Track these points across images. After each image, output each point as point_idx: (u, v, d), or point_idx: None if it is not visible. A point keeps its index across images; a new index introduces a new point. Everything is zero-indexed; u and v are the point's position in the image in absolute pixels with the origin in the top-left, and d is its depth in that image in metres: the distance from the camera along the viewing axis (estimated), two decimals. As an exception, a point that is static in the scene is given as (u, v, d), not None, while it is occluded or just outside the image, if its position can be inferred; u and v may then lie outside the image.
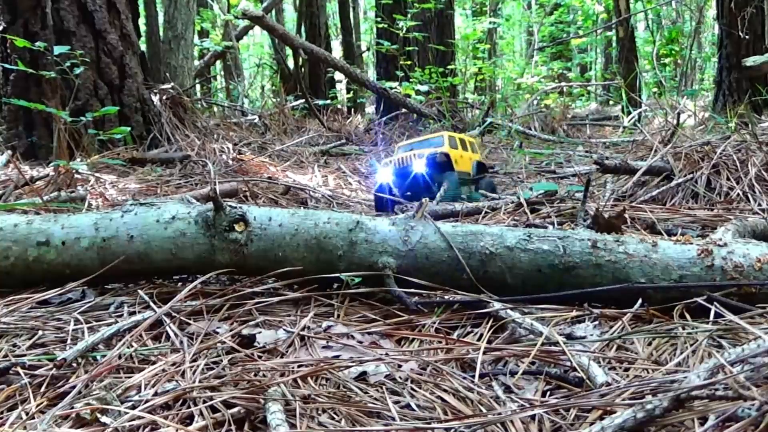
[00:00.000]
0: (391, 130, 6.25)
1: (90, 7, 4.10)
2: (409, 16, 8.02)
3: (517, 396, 1.20)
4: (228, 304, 1.63)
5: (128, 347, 1.37)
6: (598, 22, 12.80)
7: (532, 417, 1.09)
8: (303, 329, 1.47)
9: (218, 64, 10.81)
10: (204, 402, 1.11)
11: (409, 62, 8.02)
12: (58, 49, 3.19)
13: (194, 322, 1.53)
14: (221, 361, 1.31)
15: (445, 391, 1.20)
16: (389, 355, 1.35)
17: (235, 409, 1.10)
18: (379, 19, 8.74)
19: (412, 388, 1.22)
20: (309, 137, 5.59)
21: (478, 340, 1.45)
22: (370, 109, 10.29)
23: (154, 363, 1.31)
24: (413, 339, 1.48)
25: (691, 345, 1.32)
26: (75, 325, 1.51)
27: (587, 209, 2.27)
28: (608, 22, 10.95)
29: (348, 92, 10.38)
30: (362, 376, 1.25)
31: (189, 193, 2.80)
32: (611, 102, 9.76)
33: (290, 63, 9.32)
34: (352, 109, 9.74)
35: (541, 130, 6.08)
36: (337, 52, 11.71)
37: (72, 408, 1.10)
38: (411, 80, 7.35)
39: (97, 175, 3.37)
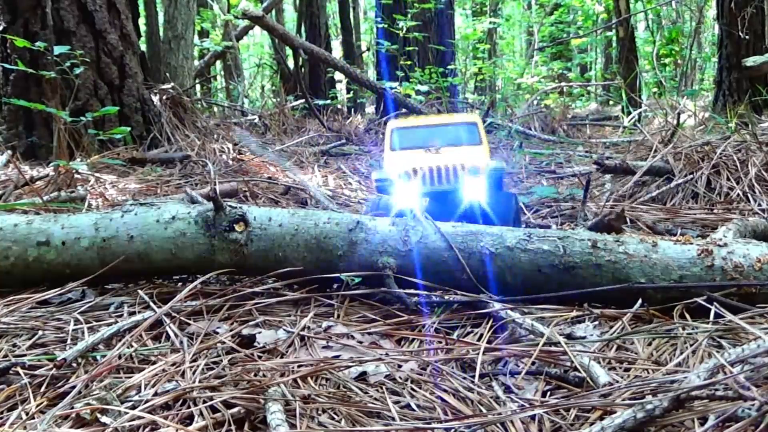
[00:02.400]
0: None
1: (90, 7, 4.09)
2: (409, 16, 8.02)
3: (517, 396, 1.20)
4: (228, 304, 1.63)
5: (128, 347, 1.37)
6: (598, 22, 12.80)
7: (532, 417, 1.09)
8: (303, 329, 1.47)
9: (218, 64, 10.81)
10: (204, 402, 1.12)
11: (409, 62, 8.01)
12: (58, 49, 3.19)
13: (194, 322, 1.53)
14: (221, 361, 1.31)
15: (445, 391, 1.20)
16: (389, 355, 1.35)
17: (235, 409, 1.10)
18: (379, 19, 8.74)
19: (412, 388, 1.22)
20: (309, 137, 5.58)
21: (478, 340, 1.45)
22: (370, 109, 10.29)
23: (154, 363, 1.31)
24: (413, 339, 1.48)
25: (691, 345, 1.32)
26: (75, 325, 1.51)
27: (587, 210, 2.27)
28: (608, 22, 10.95)
29: (348, 92, 10.39)
30: (362, 376, 1.25)
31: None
32: (611, 102, 9.75)
33: (290, 63, 9.32)
34: (352, 109, 9.74)
35: (541, 130, 6.07)
36: (337, 52, 11.71)
37: (72, 408, 1.10)
38: (411, 80, 7.35)
39: (97, 175, 3.37)
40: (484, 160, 2.08)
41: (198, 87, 8.68)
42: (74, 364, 1.31)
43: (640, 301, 1.55)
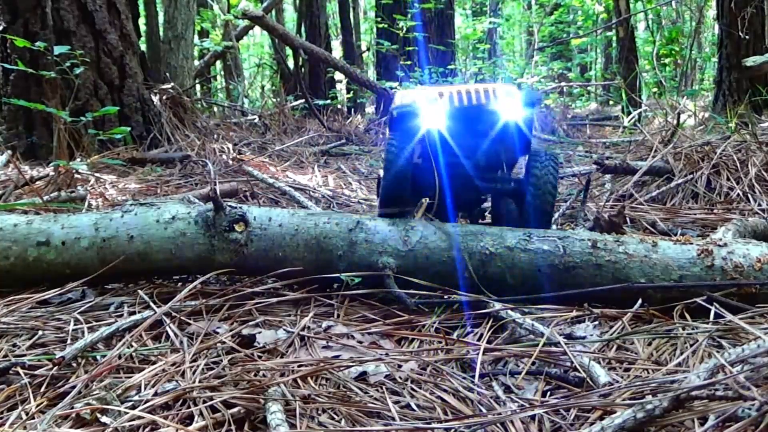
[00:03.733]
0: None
1: (90, 7, 4.09)
2: (409, 16, 8.01)
3: (517, 396, 1.20)
4: (228, 304, 1.63)
5: (128, 347, 1.37)
6: (598, 22, 12.79)
7: (532, 417, 1.09)
8: (303, 329, 1.47)
9: (218, 64, 10.80)
10: (204, 402, 1.12)
11: (409, 62, 8.01)
12: (58, 49, 3.19)
13: (194, 322, 1.53)
14: (221, 361, 1.31)
15: (445, 391, 1.20)
16: (389, 355, 1.35)
17: (235, 409, 1.10)
18: (379, 19, 8.74)
19: (412, 388, 1.22)
20: (309, 137, 5.58)
21: (478, 340, 1.45)
22: (370, 109, 10.28)
23: (154, 363, 1.31)
24: (413, 339, 1.48)
25: (691, 345, 1.32)
26: (75, 325, 1.51)
27: (587, 210, 2.27)
28: (608, 22, 10.94)
29: (348, 92, 10.38)
30: (362, 376, 1.25)
31: (189, 193, 2.80)
32: (611, 102, 9.76)
33: (290, 63, 9.32)
34: (352, 109, 9.73)
35: (541, 130, 6.07)
36: (337, 52, 11.71)
37: (72, 408, 1.10)
38: (411, 80, 7.35)
39: (97, 175, 3.37)
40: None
41: (198, 87, 8.68)
42: (74, 364, 1.31)
43: (640, 301, 1.55)
